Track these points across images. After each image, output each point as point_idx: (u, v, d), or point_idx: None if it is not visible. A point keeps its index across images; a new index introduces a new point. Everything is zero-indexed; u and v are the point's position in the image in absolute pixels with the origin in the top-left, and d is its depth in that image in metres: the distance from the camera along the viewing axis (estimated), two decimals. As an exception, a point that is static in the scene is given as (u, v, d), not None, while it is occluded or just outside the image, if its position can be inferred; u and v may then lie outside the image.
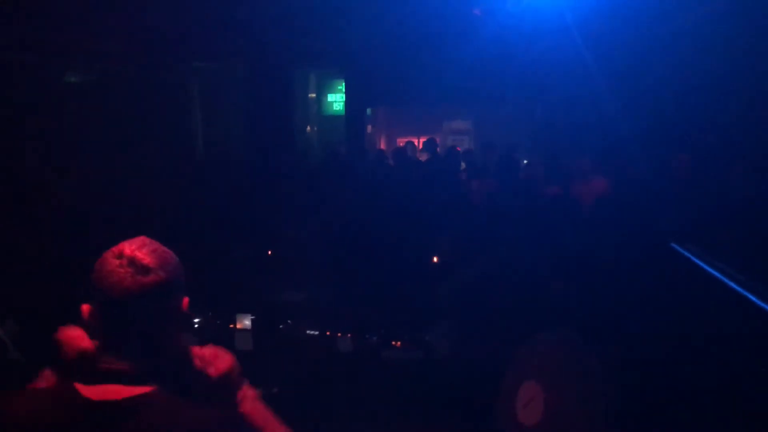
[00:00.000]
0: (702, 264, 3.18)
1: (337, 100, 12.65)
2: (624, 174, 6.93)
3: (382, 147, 12.08)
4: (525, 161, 8.61)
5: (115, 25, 7.80)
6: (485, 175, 6.77)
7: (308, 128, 12.82)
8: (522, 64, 9.12)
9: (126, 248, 1.38)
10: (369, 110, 12.70)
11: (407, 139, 10.76)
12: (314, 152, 10.90)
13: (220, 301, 3.74)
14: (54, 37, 7.89)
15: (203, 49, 9.49)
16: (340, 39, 9.11)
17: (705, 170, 5.77)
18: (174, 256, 1.45)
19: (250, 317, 3.50)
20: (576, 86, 8.71)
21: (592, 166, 6.71)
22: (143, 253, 1.37)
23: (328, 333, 3.69)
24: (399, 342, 3.59)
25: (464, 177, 7.51)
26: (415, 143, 10.30)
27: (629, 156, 7.17)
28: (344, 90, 11.62)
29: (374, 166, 8.17)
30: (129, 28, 8.02)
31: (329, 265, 4.53)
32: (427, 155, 8.89)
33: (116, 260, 1.36)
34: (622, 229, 4.01)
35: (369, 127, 13.03)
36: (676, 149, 6.63)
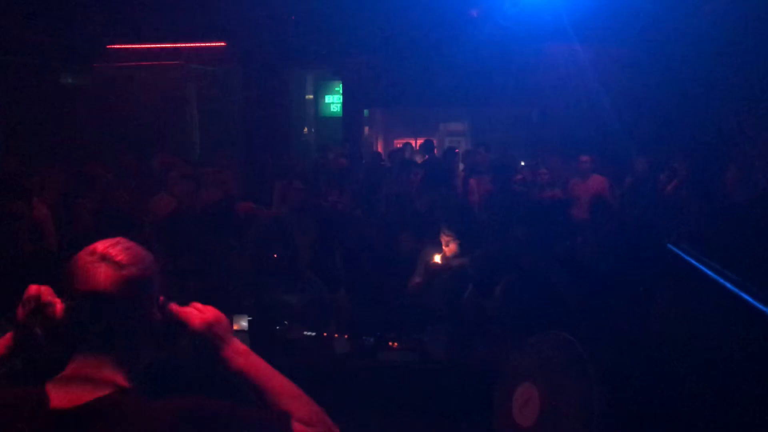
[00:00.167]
0: (698, 264, 3.19)
1: (335, 102, 12.65)
2: (620, 174, 6.94)
3: (379, 149, 12.08)
4: (522, 163, 8.64)
5: (112, 26, 7.80)
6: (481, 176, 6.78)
7: (305, 129, 12.82)
8: (518, 66, 9.14)
9: (99, 246, 1.40)
10: (366, 112, 12.70)
11: (404, 141, 10.77)
12: (311, 153, 10.90)
13: (217, 303, 3.73)
14: (50, 39, 7.89)
15: (200, 51, 9.49)
16: (338, 41, 9.11)
17: (701, 171, 5.79)
18: (149, 256, 1.44)
19: (247, 318, 3.50)
20: (572, 88, 8.73)
21: (589, 167, 6.73)
22: (116, 251, 1.39)
23: (325, 334, 3.69)
24: (395, 343, 3.59)
25: (462, 177, 7.53)
26: (413, 144, 10.30)
27: (625, 157, 7.18)
28: (341, 91, 11.63)
29: (371, 167, 8.19)
30: (126, 30, 8.02)
31: (326, 267, 4.53)
32: (424, 157, 8.91)
33: (89, 257, 1.38)
34: (618, 230, 4.02)
35: (366, 129, 13.03)
36: (673, 150, 6.65)
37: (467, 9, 7.92)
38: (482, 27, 7.89)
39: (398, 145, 11.14)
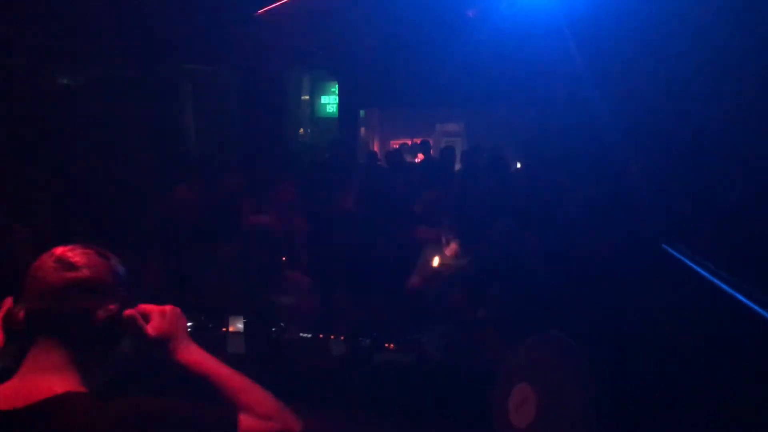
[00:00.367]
0: (692, 265, 3.19)
1: (331, 102, 12.64)
2: (616, 175, 6.95)
3: (375, 149, 12.09)
4: (518, 164, 8.64)
5: (108, 28, 7.78)
6: (476, 177, 6.80)
7: (301, 130, 12.81)
8: (515, 66, 9.14)
9: (58, 249, 1.42)
10: (362, 112, 12.70)
11: (401, 141, 10.78)
12: (308, 154, 10.89)
13: (212, 304, 3.72)
14: (45, 40, 7.86)
15: (195, 51, 9.47)
16: (334, 41, 9.10)
17: (697, 172, 5.80)
18: (108, 262, 1.45)
19: (243, 320, 3.49)
20: (569, 88, 8.73)
21: (584, 167, 6.73)
22: (74, 254, 1.41)
23: (321, 336, 3.68)
24: (392, 345, 3.58)
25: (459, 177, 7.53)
26: (409, 145, 10.32)
27: (622, 157, 7.19)
28: (337, 92, 11.62)
29: (367, 168, 8.18)
30: (121, 31, 8.00)
31: (322, 268, 4.52)
32: (420, 157, 8.92)
33: (47, 259, 1.40)
34: (614, 230, 4.03)
35: (362, 130, 13.04)
36: (669, 151, 6.66)
37: (464, 9, 7.93)
38: (479, 27, 7.89)
39: (395, 146, 11.15)
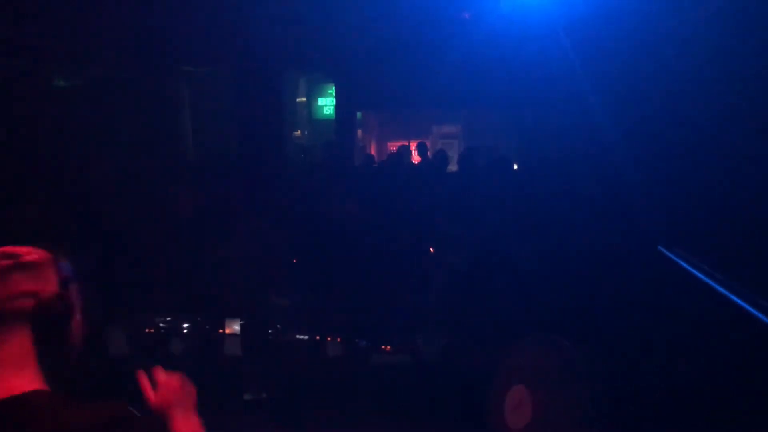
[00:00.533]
0: (688, 267, 3.20)
1: (328, 104, 12.64)
2: (612, 177, 6.95)
3: (372, 152, 12.09)
4: (515, 166, 8.65)
5: (105, 29, 7.77)
6: (474, 178, 6.80)
7: (298, 132, 12.81)
8: (511, 68, 9.14)
9: (8, 249, 1.40)
10: (359, 114, 12.70)
11: (398, 144, 10.77)
12: (305, 156, 10.88)
13: (210, 306, 3.72)
14: (42, 41, 7.85)
15: (193, 54, 9.46)
16: (330, 43, 9.09)
17: (695, 174, 5.80)
18: (51, 254, 1.43)
19: (240, 322, 3.49)
20: (566, 89, 8.73)
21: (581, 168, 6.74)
22: (22, 250, 1.39)
23: (318, 337, 3.68)
24: (388, 346, 3.58)
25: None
26: (409, 147, 10.31)
27: (618, 159, 7.20)
28: (334, 94, 11.62)
29: (364, 170, 8.18)
30: (118, 32, 7.99)
31: (319, 270, 4.52)
32: (414, 160, 8.93)
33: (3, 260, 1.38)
34: (610, 232, 4.03)
35: (359, 132, 13.04)
36: (667, 152, 6.67)
37: (460, 11, 7.93)
38: (475, 29, 7.89)
39: (393, 148, 11.16)
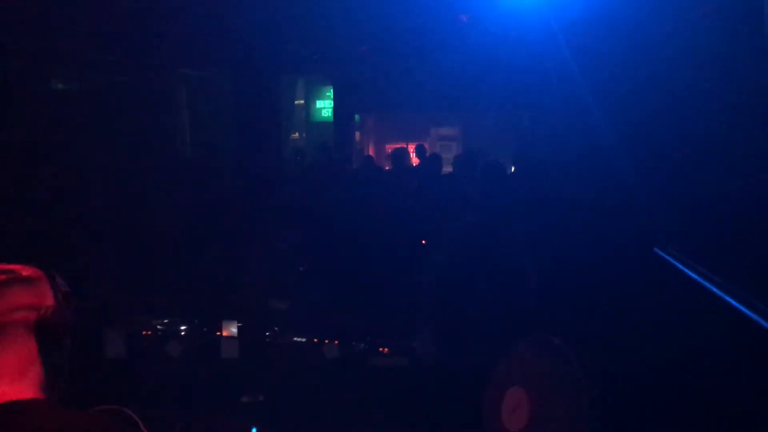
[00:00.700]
0: (684, 269, 3.21)
1: (326, 107, 12.66)
2: (609, 179, 6.95)
3: (371, 153, 12.10)
4: (513, 168, 8.65)
5: (103, 32, 7.77)
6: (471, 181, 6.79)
7: (296, 134, 12.81)
8: (509, 71, 9.15)
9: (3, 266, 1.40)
10: (357, 117, 12.71)
11: (396, 146, 10.76)
12: (302, 159, 10.88)
13: (207, 308, 3.73)
14: (40, 44, 7.85)
15: (190, 56, 9.46)
16: (328, 45, 9.10)
17: (690, 177, 5.81)
18: (42, 271, 1.44)
19: (237, 324, 3.49)
20: (564, 92, 8.74)
21: (578, 170, 6.74)
22: (17, 267, 1.38)
23: (315, 340, 3.68)
24: (386, 349, 3.59)
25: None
26: (407, 149, 10.31)
27: (615, 162, 7.20)
28: (332, 96, 11.64)
29: (362, 172, 8.18)
30: (116, 35, 7.99)
31: (316, 272, 4.52)
32: (412, 162, 8.94)
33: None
34: (606, 234, 4.04)
35: (357, 134, 13.05)
36: (665, 155, 6.67)
37: (458, 14, 7.93)
38: (473, 32, 7.90)
39: (391, 151, 11.16)
